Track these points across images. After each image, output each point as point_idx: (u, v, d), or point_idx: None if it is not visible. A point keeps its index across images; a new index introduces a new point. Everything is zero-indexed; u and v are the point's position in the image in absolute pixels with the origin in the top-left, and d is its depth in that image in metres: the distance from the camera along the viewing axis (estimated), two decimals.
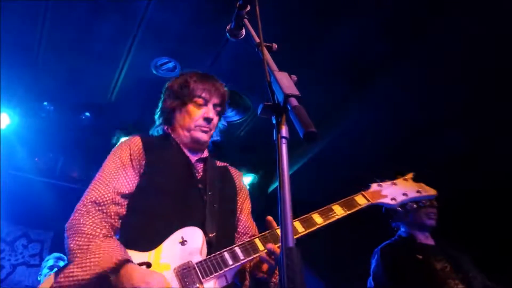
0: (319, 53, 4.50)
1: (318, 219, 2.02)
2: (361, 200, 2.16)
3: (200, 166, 2.25)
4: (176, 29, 4.27)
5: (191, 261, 1.86)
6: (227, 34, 1.81)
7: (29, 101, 5.20)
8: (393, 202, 2.21)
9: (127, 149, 2.15)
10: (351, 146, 5.62)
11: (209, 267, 1.85)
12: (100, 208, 1.96)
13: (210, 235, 1.96)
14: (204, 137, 2.23)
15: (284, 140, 1.12)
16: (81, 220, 1.91)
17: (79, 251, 1.79)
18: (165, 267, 1.85)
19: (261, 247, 1.91)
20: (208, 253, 1.91)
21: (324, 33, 4.30)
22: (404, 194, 2.25)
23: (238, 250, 1.90)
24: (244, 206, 2.33)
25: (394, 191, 2.25)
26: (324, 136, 5.40)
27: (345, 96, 5.09)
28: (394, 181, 2.33)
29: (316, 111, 4.91)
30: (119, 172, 2.07)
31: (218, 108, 2.28)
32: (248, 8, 1.65)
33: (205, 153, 2.31)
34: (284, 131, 1.13)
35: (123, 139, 3.54)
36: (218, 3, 3.65)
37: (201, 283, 1.80)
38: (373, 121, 5.25)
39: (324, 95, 4.93)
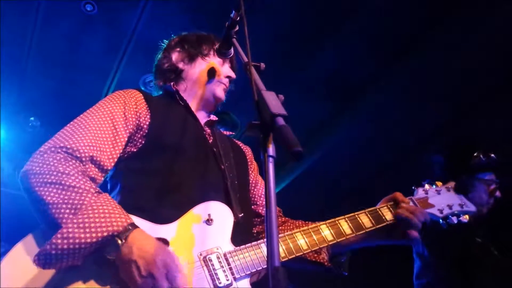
0: (306, 71, 4.55)
1: (367, 222, 1.86)
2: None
3: (208, 131, 2.02)
4: None
5: (219, 248, 1.57)
6: (216, 53, 1.82)
7: (15, 115, 5.15)
8: (439, 214, 2.02)
9: (120, 101, 1.79)
10: (339, 164, 5.64)
11: (244, 262, 1.56)
12: (77, 162, 1.55)
13: (238, 215, 1.71)
14: (223, 96, 2.08)
15: (271, 159, 1.11)
16: (60, 167, 1.49)
17: (68, 206, 1.40)
18: (187, 248, 1.53)
19: (304, 246, 1.71)
20: (233, 237, 1.62)
21: (312, 52, 4.35)
22: (449, 206, 2.05)
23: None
24: (259, 179, 2.18)
25: (440, 201, 2.05)
26: (312, 154, 5.42)
27: (333, 114, 5.13)
28: (438, 188, 2.12)
29: (304, 129, 4.95)
30: (106, 126, 1.68)
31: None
32: (237, 28, 1.67)
33: (213, 116, 2.12)
34: (271, 150, 1.12)
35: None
36: (207, 22, 3.68)
37: (234, 279, 1.51)
38: (361, 138, 5.29)
39: (312, 114, 4.97)
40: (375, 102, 4.83)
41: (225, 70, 2.10)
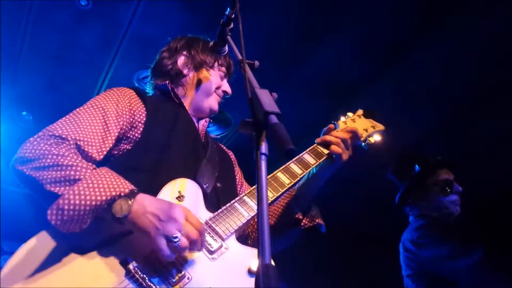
0: (300, 71, 4.56)
1: (311, 160, 2.01)
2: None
3: (201, 130, 2.08)
4: (160, 43, 4.29)
5: (200, 218, 1.60)
6: (210, 50, 1.83)
7: (7, 109, 5.11)
8: (360, 139, 2.22)
9: (113, 97, 1.81)
10: None
11: (226, 223, 1.63)
12: (68, 145, 1.56)
13: (203, 185, 1.77)
14: (217, 108, 2.15)
15: (263, 157, 1.11)
16: (53, 150, 1.49)
17: (67, 180, 1.41)
18: None
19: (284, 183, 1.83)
20: (206, 206, 1.69)
21: (306, 51, 4.36)
22: (365, 130, 2.27)
23: (246, 198, 1.74)
24: (244, 181, 2.26)
25: (357, 128, 2.23)
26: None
27: (327, 113, 5.13)
28: (352, 118, 2.33)
29: (297, 128, 4.96)
30: (97, 121, 1.69)
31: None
32: (232, 25, 1.67)
33: (207, 120, 2.16)
34: (264, 147, 1.12)
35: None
36: (202, 18, 3.68)
37: (222, 240, 1.58)
38: None
39: (306, 112, 4.98)
40: (370, 102, 4.85)
41: (225, 85, 2.19)
